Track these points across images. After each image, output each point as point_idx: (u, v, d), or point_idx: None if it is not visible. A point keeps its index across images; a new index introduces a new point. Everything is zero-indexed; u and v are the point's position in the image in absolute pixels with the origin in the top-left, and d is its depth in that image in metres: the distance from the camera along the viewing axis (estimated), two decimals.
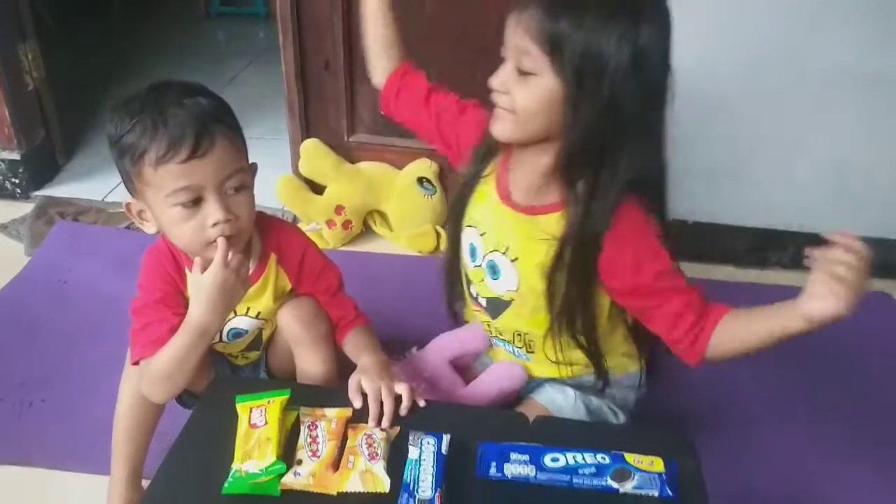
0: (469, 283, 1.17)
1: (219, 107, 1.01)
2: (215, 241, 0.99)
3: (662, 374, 1.24)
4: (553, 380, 1.19)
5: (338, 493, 0.85)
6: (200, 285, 0.98)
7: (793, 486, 1.31)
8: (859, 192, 1.85)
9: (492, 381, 1.21)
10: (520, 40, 0.93)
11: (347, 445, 0.90)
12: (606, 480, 0.86)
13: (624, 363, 1.19)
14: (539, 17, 0.90)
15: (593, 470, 0.86)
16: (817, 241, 0.98)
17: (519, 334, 1.15)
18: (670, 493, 0.85)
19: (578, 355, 1.13)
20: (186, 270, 1.09)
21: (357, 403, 0.97)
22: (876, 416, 1.48)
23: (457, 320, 1.28)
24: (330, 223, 1.95)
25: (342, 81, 1.94)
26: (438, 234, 1.95)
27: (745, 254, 1.96)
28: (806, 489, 1.31)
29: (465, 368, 1.28)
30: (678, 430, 1.18)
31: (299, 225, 2.01)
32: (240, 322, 1.18)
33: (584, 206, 0.98)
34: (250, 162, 1.07)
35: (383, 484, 0.85)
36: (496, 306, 1.13)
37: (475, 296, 1.16)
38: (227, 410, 0.93)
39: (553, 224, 1.02)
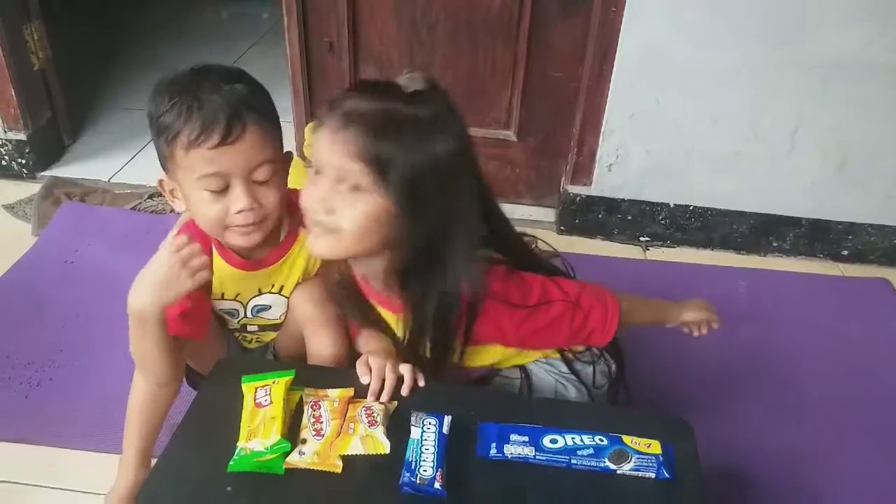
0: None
1: (255, 94, 1.02)
2: (237, 226, 1.02)
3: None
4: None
5: (340, 455, 0.87)
6: (145, 268, 0.98)
7: (781, 464, 1.33)
8: (860, 180, 1.85)
9: None
10: (342, 159, 0.91)
11: (347, 416, 0.92)
12: (604, 462, 0.87)
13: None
14: (362, 138, 0.90)
15: (591, 451, 0.88)
16: (818, 227, 1.00)
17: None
18: (667, 475, 0.86)
19: None
20: (214, 252, 1.11)
21: (365, 379, 0.98)
22: (871, 399, 1.50)
23: None
24: None
25: (346, 63, 1.94)
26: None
27: (746, 239, 1.97)
28: (795, 467, 1.33)
29: None
30: (676, 413, 1.20)
31: None
32: (265, 299, 1.18)
33: (423, 311, 1.01)
34: (285, 151, 1.08)
35: (384, 446, 0.88)
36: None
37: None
38: (232, 390, 0.94)
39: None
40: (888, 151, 1.80)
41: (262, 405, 0.91)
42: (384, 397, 0.97)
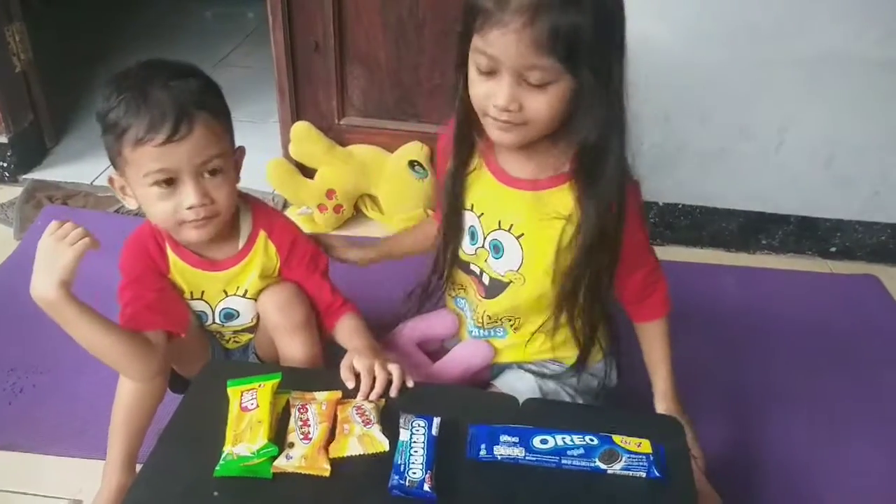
0: (467, 265, 1.16)
1: (205, 90, 1.01)
2: (190, 221, 1.03)
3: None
4: (516, 364, 1.20)
5: (334, 458, 0.86)
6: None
7: (769, 460, 1.33)
8: (848, 176, 1.85)
9: (459, 357, 1.20)
10: (531, 58, 0.87)
11: (339, 418, 0.91)
12: (595, 462, 0.86)
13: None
14: (550, 31, 0.86)
15: (582, 451, 0.87)
16: (806, 224, 1.01)
17: (510, 318, 1.15)
18: (658, 474, 0.86)
19: (558, 339, 1.14)
20: (168, 250, 1.12)
21: (350, 384, 0.97)
22: (861, 395, 1.50)
23: (430, 303, 1.26)
24: (321, 207, 1.94)
25: (332, 63, 1.93)
26: (430, 218, 1.95)
27: (735, 237, 1.97)
28: (785, 463, 1.33)
29: (432, 353, 1.28)
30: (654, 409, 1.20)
31: (290, 209, 2.01)
32: (231, 302, 1.19)
33: (597, 186, 0.99)
34: (237, 146, 1.07)
35: (382, 444, 0.87)
36: (496, 286, 1.13)
37: (478, 273, 1.15)
38: (218, 394, 0.93)
39: (557, 199, 1.03)
40: (875, 148, 1.81)
41: (248, 409, 0.89)
42: (373, 395, 0.96)
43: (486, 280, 1.14)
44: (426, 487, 0.82)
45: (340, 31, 1.89)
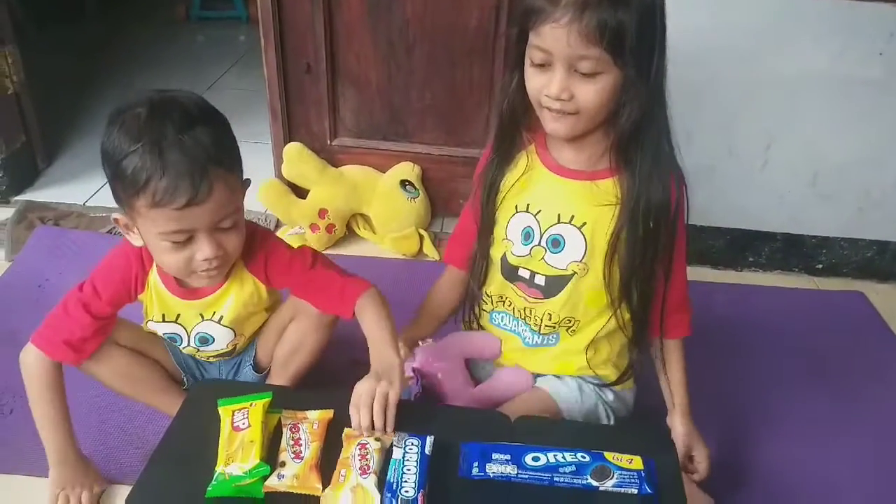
0: (514, 271, 1.17)
1: (218, 140, 0.98)
2: (202, 271, 1.04)
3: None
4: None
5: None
6: None
7: (757, 476, 1.34)
8: (833, 194, 1.88)
9: (503, 386, 1.21)
10: (580, 49, 0.94)
11: (340, 457, 0.89)
12: (587, 479, 0.87)
13: (614, 375, 1.22)
14: (599, 19, 0.92)
15: (573, 468, 0.88)
16: (793, 241, 1.05)
17: (569, 320, 1.16)
18: (649, 491, 0.86)
19: (605, 350, 1.18)
20: (152, 272, 1.14)
21: (355, 421, 0.93)
22: (848, 410, 1.51)
23: (469, 326, 1.29)
24: (313, 227, 1.95)
25: (324, 84, 1.95)
26: (421, 237, 1.96)
27: (722, 255, 1.99)
28: (772, 479, 1.33)
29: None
30: (657, 427, 1.21)
31: (282, 228, 2.01)
32: (207, 327, 1.20)
33: (644, 176, 1.04)
34: (244, 178, 1.07)
35: (373, 500, 0.84)
36: (555, 283, 1.14)
37: (528, 277, 1.16)
38: (208, 414, 0.93)
39: (611, 187, 1.08)
40: (858, 165, 1.83)
41: (239, 428, 0.90)
42: (365, 430, 0.92)
43: (539, 281, 1.15)
44: None
45: (332, 53, 1.91)
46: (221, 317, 1.18)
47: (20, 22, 2.49)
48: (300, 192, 2.00)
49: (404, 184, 1.99)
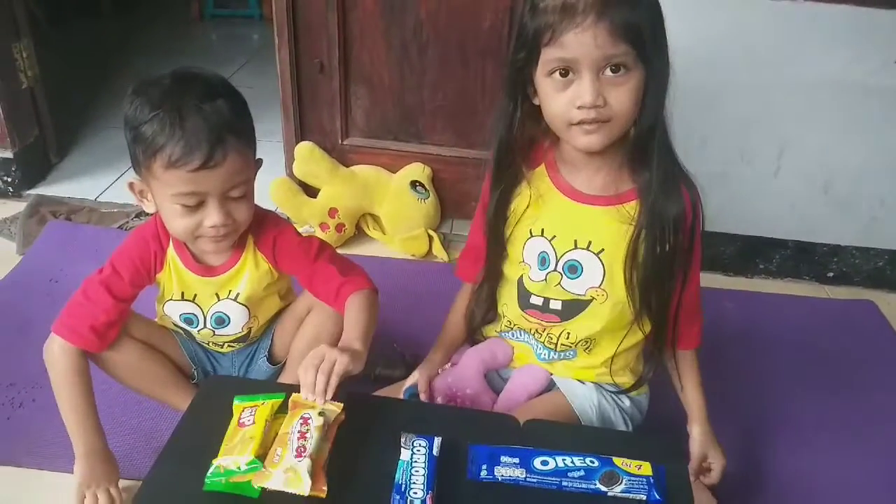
0: (528, 294, 1.15)
1: (236, 113, 1.04)
2: (210, 236, 1.07)
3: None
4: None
5: (259, 488, 0.83)
6: None
7: (768, 485, 1.33)
8: (846, 202, 1.87)
9: (521, 386, 1.21)
10: (606, 49, 0.92)
11: (280, 431, 0.88)
12: (595, 484, 0.87)
13: (631, 382, 1.21)
14: (621, 17, 0.91)
15: (582, 473, 0.87)
16: (804, 249, 1.03)
17: (586, 340, 1.15)
18: (658, 497, 0.86)
19: (621, 361, 1.17)
20: (170, 249, 1.16)
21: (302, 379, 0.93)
22: (858, 419, 1.51)
23: (476, 339, 1.28)
24: (323, 226, 1.95)
25: (337, 84, 1.95)
26: (431, 238, 1.96)
27: (733, 261, 1.98)
28: (783, 487, 1.33)
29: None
30: (666, 434, 1.20)
31: None
32: (223, 306, 1.21)
33: (658, 190, 1.03)
34: (256, 158, 1.10)
35: (303, 485, 0.82)
36: (573, 307, 1.13)
37: (541, 305, 1.14)
38: (220, 410, 0.93)
39: (627, 210, 1.06)
40: (872, 173, 1.82)
41: (244, 425, 0.89)
42: (318, 391, 0.91)
43: (556, 306, 1.13)
44: None
45: (345, 52, 1.92)
46: (238, 294, 1.20)
47: (35, 17, 2.50)
48: (311, 192, 2.00)
49: (415, 185, 1.99)
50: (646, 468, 0.88)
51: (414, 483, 0.84)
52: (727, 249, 1.96)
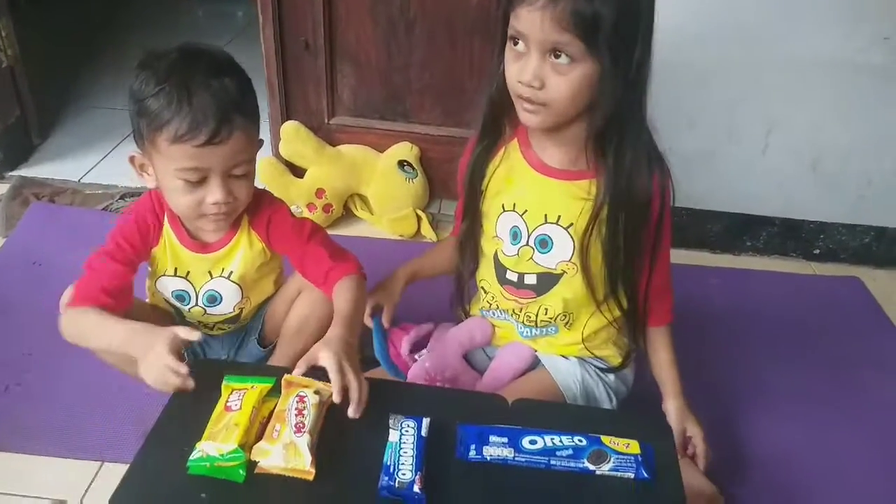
0: (504, 269, 1.17)
1: (243, 91, 1.05)
2: (211, 215, 1.08)
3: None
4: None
5: (256, 462, 0.83)
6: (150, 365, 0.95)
7: (755, 460, 1.35)
8: (833, 180, 1.87)
9: (506, 365, 1.21)
10: (553, 35, 0.92)
11: (277, 409, 0.88)
12: (583, 462, 0.87)
13: (614, 355, 1.23)
14: (573, 6, 0.90)
15: (570, 452, 0.88)
16: (791, 226, 1.04)
17: (564, 314, 1.16)
18: (646, 475, 0.86)
19: (603, 335, 1.19)
20: (165, 224, 1.16)
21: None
22: (845, 395, 1.52)
23: (465, 317, 1.29)
24: (310, 206, 1.94)
25: (323, 62, 1.92)
26: (419, 218, 1.95)
27: (720, 239, 1.99)
28: (769, 463, 1.34)
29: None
30: (654, 411, 1.21)
31: None
32: (216, 284, 1.21)
33: (621, 174, 1.02)
34: (259, 137, 1.11)
35: (304, 459, 0.82)
36: (547, 281, 1.14)
37: (516, 280, 1.16)
38: (208, 393, 0.92)
39: (589, 188, 1.06)
40: (860, 152, 1.83)
41: (231, 409, 0.88)
42: (337, 397, 0.90)
43: (531, 280, 1.15)
44: (416, 489, 0.82)
45: (331, 30, 1.89)
46: (231, 272, 1.20)
47: None
48: (297, 171, 1.99)
49: (402, 164, 1.97)
50: (634, 447, 0.89)
51: (403, 464, 0.84)
52: (714, 227, 1.97)
